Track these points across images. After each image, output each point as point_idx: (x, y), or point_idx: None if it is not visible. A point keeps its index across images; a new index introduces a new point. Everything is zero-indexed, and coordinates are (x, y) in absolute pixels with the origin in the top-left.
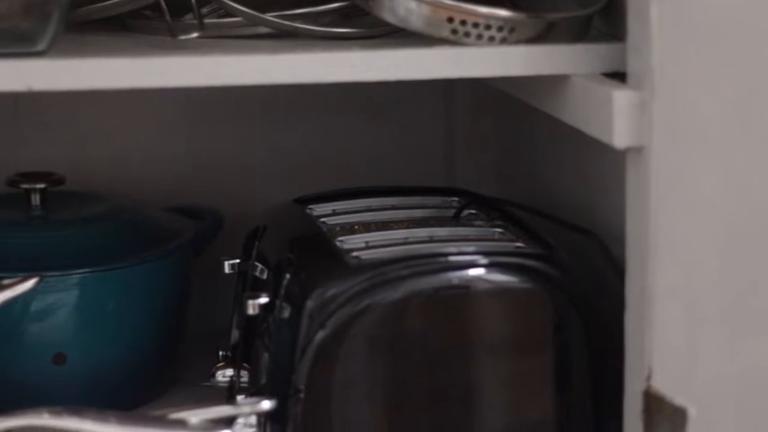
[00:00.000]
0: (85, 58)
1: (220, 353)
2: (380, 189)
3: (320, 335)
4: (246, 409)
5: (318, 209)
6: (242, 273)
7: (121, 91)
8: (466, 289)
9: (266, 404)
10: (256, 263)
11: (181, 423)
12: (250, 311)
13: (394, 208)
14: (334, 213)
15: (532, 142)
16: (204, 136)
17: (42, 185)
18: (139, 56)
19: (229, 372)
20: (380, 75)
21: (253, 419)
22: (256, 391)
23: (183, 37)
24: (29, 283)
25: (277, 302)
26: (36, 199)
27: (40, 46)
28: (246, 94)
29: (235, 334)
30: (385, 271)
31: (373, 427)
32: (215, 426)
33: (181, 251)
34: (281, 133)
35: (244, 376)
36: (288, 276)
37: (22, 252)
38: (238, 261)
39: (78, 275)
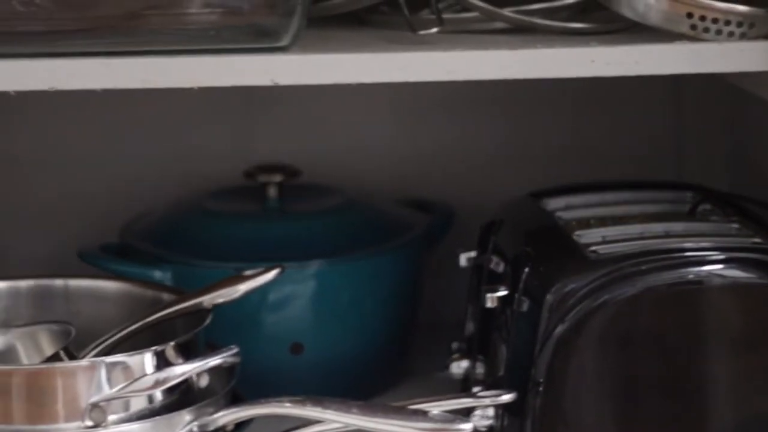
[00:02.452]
0: (328, 53)
1: (453, 345)
2: (613, 183)
3: (560, 329)
4: (487, 401)
5: (552, 203)
6: (477, 266)
7: (357, 84)
8: (704, 284)
9: (507, 397)
10: (493, 256)
11: (423, 414)
12: (489, 304)
13: (627, 202)
14: (568, 207)
15: (763, 136)
16: (437, 129)
17: (278, 178)
18: (381, 51)
19: (465, 363)
20: (619, 70)
21: (491, 411)
22: (493, 383)
23: (422, 32)
24: (270, 274)
25: (516, 295)
26: (273, 191)
27: (284, 42)
28: (479, 87)
29: (469, 327)
30: (623, 266)
31: (609, 421)
32: (456, 417)
33: (415, 244)
34: (511, 127)
35: (479, 367)
36: (527, 269)
37: (259, 244)
38: (474, 254)
39: (314, 266)
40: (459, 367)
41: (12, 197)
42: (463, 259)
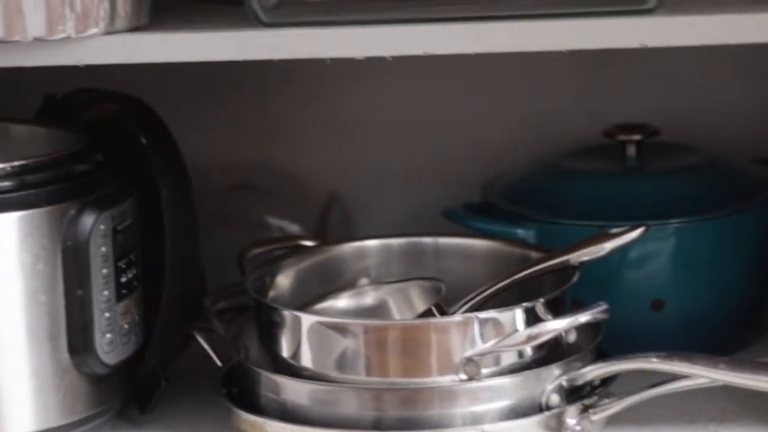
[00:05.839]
0: (697, 15)
1: None
2: None
3: None
4: None
5: None
6: None
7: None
8: None
9: None
10: None
11: None
12: None
13: None
14: None
15: None
16: None
17: (637, 137)
18: (748, 12)
19: None
20: None
21: None
22: None
23: None
24: (636, 232)
25: None
26: (631, 150)
27: (650, 4)
28: None
29: None
30: None
31: None
32: None
33: None
34: None
35: None
36: None
37: (618, 202)
38: None
39: (675, 225)
40: None
41: (379, 159)
42: None
